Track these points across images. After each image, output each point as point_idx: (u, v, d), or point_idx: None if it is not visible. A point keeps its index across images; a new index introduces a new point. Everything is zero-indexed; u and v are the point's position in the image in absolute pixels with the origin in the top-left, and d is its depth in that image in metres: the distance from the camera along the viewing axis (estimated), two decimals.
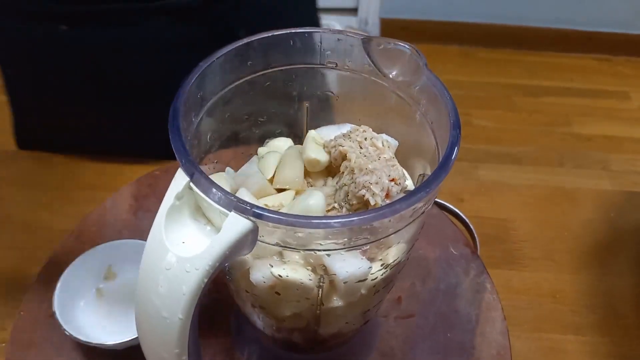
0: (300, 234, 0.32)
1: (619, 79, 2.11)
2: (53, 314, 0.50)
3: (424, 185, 0.33)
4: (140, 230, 0.60)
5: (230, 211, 0.31)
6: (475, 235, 0.64)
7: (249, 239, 0.31)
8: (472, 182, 0.74)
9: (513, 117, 1.98)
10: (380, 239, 0.34)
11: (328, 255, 0.34)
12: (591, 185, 1.73)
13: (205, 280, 0.31)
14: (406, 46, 0.39)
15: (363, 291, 0.38)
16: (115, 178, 0.71)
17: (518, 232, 0.68)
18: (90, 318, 0.52)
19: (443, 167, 0.33)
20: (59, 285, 0.52)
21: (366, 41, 0.41)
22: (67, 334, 0.49)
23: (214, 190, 0.31)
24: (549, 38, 2.16)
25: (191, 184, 0.32)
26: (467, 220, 0.65)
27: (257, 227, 0.31)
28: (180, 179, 0.32)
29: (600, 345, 0.59)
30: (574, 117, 1.99)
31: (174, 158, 0.33)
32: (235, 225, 0.30)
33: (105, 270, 0.55)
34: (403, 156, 0.44)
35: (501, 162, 1.84)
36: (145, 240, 0.55)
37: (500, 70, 2.12)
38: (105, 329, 0.52)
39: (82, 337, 0.49)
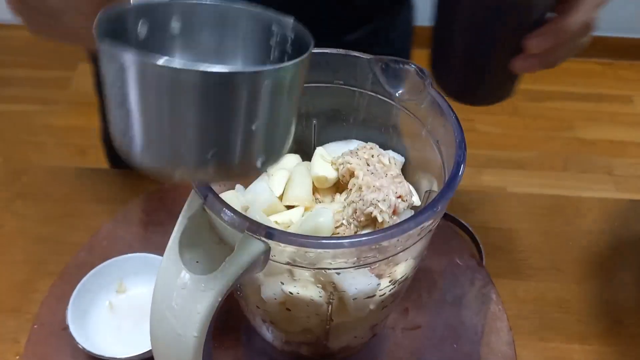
0: (310, 254, 0.33)
1: (622, 83, 2.12)
2: (67, 328, 0.51)
3: (432, 205, 0.33)
4: (151, 243, 0.61)
5: (243, 232, 0.32)
6: (481, 245, 0.65)
7: (262, 259, 0.32)
8: (478, 192, 0.74)
9: (516, 122, 1.99)
10: (389, 257, 0.35)
11: (338, 273, 0.35)
12: (596, 189, 1.74)
13: (220, 299, 0.32)
14: (411, 66, 0.40)
15: (372, 307, 0.39)
16: (123, 191, 0.71)
17: (523, 242, 0.68)
18: (102, 331, 0.53)
19: (449, 186, 0.34)
20: (72, 299, 0.52)
21: (372, 60, 0.42)
22: (81, 347, 0.50)
23: (227, 211, 0.32)
24: None
25: (204, 205, 0.33)
26: (472, 231, 0.66)
27: (269, 248, 0.32)
28: (194, 200, 0.33)
29: (606, 355, 0.59)
30: (577, 122, 1.99)
31: None
32: (248, 246, 0.31)
33: (117, 283, 0.56)
34: (410, 171, 0.45)
35: (505, 167, 1.85)
36: (156, 254, 0.56)
37: None
38: (117, 341, 0.52)
39: (96, 351, 0.50)
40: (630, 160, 1.87)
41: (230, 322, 0.55)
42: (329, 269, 0.34)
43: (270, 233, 0.31)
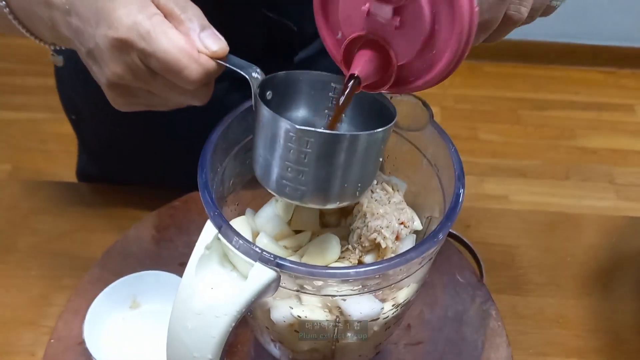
0: (318, 282, 0.35)
1: (624, 92, 2.13)
2: (82, 342, 0.54)
3: (433, 235, 0.35)
4: (162, 260, 0.63)
5: (255, 261, 0.34)
6: (481, 262, 0.67)
7: (273, 286, 0.34)
8: (478, 208, 0.76)
9: (519, 131, 2.01)
10: (392, 284, 0.37)
11: (344, 299, 0.37)
12: (597, 198, 1.76)
13: (233, 324, 0.34)
14: (413, 99, 0.42)
15: (376, 328, 0.41)
16: (134, 207, 0.73)
17: (523, 258, 0.70)
18: (116, 346, 0.55)
19: (449, 217, 0.36)
20: (88, 315, 0.55)
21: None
22: None
23: (241, 241, 0.34)
24: (554, 52, 2.18)
25: (219, 235, 0.35)
26: (473, 248, 0.68)
27: (280, 276, 0.34)
28: (209, 230, 0.35)
29: None
30: (579, 131, 2.01)
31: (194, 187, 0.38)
32: (260, 274, 0.34)
33: (130, 300, 0.58)
34: (412, 196, 0.47)
35: (507, 175, 1.87)
36: (167, 271, 0.58)
37: (507, 84, 2.14)
38: (130, 356, 0.55)
39: None
40: (631, 169, 1.88)
41: (239, 337, 0.57)
42: (335, 295, 0.36)
43: (280, 263, 0.33)
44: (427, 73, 0.35)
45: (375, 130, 0.36)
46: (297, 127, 0.34)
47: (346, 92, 0.37)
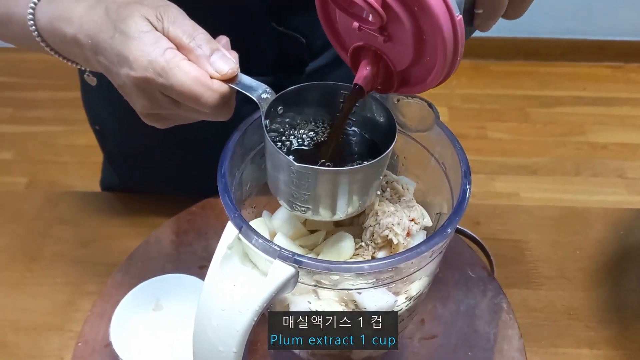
0: (334, 277, 0.37)
1: (632, 86, 2.13)
2: (109, 344, 0.56)
3: (442, 229, 0.37)
4: (182, 263, 0.66)
5: (274, 259, 0.36)
6: (492, 257, 0.68)
7: (291, 282, 0.36)
8: (487, 205, 0.78)
9: (527, 129, 2.01)
10: (404, 277, 0.39)
11: (359, 293, 0.39)
12: (608, 193, 1.76)
13: (255, 319, 0.36)
14: (420, 101, 0.44)
15: None
16: (153, 214, 0.76)
17: (532, 252, 0.71)
18: (141, 346, 0.57)
19: (457, 212, 0.38)
20: (113, 318, 0.57)
21: (384, 96, 0.46)
22: None
23: (260, 240, 0.36)
24: (560, 48, 2.19)
25: (240, 235, 0.37)
26: (483, 244, 0.69)
27: (298, 272, 0.36)
28: (230, 231, 0.38)
29: (614, 358, 0.62)
30: (588, 126, 2.01)
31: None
32: (280, 271, 0.36)
33: (153, 302, 0.60)
34: (421, 194, 0.49)
35: (517, 173, 1.88)
36: (188, 274, 0.61)
37: (513, 82, 2.15)
38: (155, 356, 0.57)
39: None
40: None
41: (258, 335, 0.59)
42: (350, 289, 0.38)
43: (299, 260, 0.35)
44: (427, 76, 0.38)
45: (369, 162, 0.39)
46: (297, 164, 0.37)
47: (348, 100, 0.40)
